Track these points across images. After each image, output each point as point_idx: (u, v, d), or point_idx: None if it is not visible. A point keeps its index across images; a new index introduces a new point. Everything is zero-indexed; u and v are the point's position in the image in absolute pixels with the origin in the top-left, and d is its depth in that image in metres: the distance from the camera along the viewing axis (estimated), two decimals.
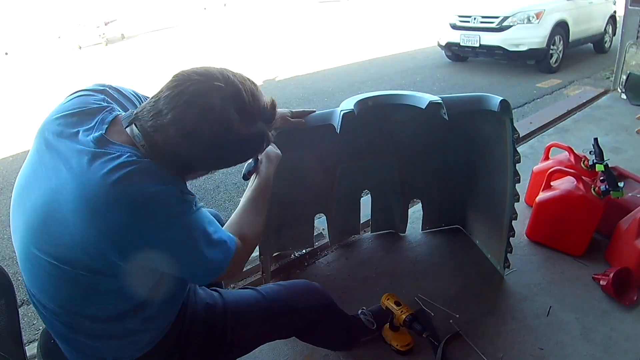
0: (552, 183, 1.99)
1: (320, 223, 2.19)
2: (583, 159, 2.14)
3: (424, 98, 1.49)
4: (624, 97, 3.91)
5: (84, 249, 0.79)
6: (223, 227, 0.98)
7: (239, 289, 1.30)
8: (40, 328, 1.95)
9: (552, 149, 2.31)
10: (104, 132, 0.83)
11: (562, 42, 5.68)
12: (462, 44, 5.94)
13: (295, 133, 1.49)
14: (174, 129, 0.81)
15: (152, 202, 0.79)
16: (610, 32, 6.65)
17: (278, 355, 1.57)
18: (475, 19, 5.79)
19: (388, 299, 1.53)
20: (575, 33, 5.87)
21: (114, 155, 0.79)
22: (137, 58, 9.27)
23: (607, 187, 1.81)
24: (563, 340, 1.53)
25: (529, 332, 1.57)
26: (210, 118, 0.81)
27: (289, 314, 1.23)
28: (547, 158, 2.32)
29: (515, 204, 1.69)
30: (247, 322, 1.16)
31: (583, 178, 1.89)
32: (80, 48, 11.49)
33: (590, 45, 6.62)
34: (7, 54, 11.87)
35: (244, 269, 1.75)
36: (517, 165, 1.62)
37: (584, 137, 3.15)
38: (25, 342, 1.87)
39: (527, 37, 5.43)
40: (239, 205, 1.08)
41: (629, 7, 3.97)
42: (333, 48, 8.54)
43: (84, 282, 0.82)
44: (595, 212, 1.84)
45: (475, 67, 6.32)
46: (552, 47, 5.54)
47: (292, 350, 1.58)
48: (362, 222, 2.19)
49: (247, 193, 1.10)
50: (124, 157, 0.80)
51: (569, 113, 3.77)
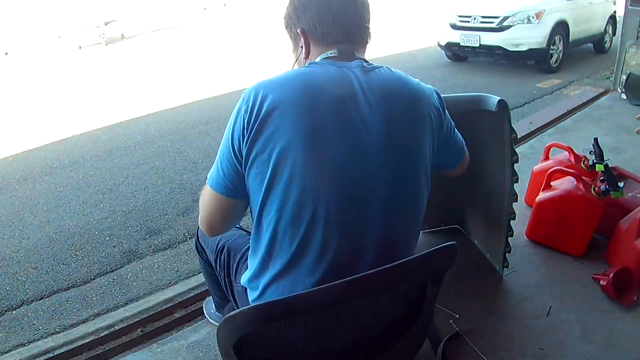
0: (552, 183, 1.98)
1: None
2: (583, 159, 2.14)
3: None
4: (624, 97, 3.91)
5: None
6: None
7: None
8: (41, 328, 1.96)
9: (552, 149, 2.31)
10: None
11: (562, 42, 5.68)
12: (462, 44, 5.94)
13: None
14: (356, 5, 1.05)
15: None
16: (610, 32, 6.65)
17: None
18: (475, 19, 5.79)
19: None
20: (575, 33, 5.87)
21: None
22: (137, 58, 9.28)
23: (607, 187, 1.81)
24: (563, 340, 1.53)
25: (529, 332, 1.57)
26: None
27: None
28: (547, 158, 2.32)
29: (515, 204, 1.69)
30: None
31: (583, 178, 1.89)
32: (80, 48, 11.50)
33: (590, 45, 6.62)
34: (7, 54, 11.89)
35: None
36: (516, 165, 1.62)
37: (584, 137, 3.15)
38: (26, 342, 1.89)
39: (527, 37, 5.43)
40: None
41: (629, 7, 3.97)
42: None
43: None
44: (595, 212, 1.84)
45: (475, 67, 6.32)
46: (552, 47, 5.54)
47: None
48: None
49: None
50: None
51: (569, 113, 3.77)
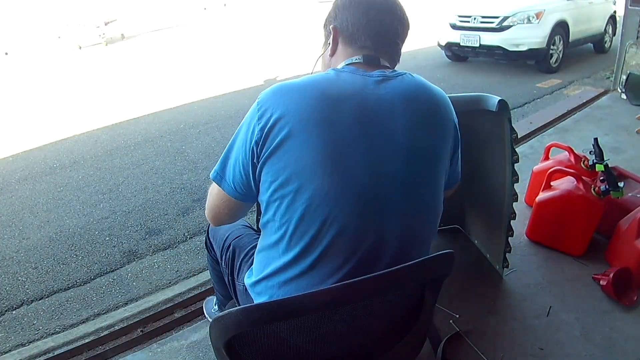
0: (552, 183, 1.98)
1: None
2: (583, 159, 2.14)
3: None
4: (624, 97, 3.91)
5: None
6: None
7: None
8: (41, 328, 1.96)
9: (552, 149, 2.31)
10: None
11: (562, 42, 5.68)
12: (462, 44, 5.94)
13: None
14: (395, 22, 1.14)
15: None
16: (610, 32, 6.65)
17: None
18: (475, 19, 5.79)
19: None
20: (575, 33, 5.87)
21: None
22: (137, 58, 9.28)
23: (607, 187, 1.81)
24: (563, 340, 1.53)
25: (529, 332, 1.57)
26: None
27: None
28: (547, 158, 2.32)
29: (515, 204, 1.69)
30: None
31: (583, 178, 1.89)
32: (80, 48, 11.50)
33: (590, 45, 6.62)
34: (7, 54, 11.89)
35: None
36: (516, 165, 1.62)
37: (584, 137, 3.15)
38: (26, 342, 1.89)
39: (527, 37, 5.43)
40: None
41: (629, 7, 3.97)
42: None
43: None
44: (595, 212, 1.84)
45: (475, 67, 6.32)
46: (552, 47, 5.54)
47: None
48: None
49: None
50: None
51: (569, 113, 3.77)
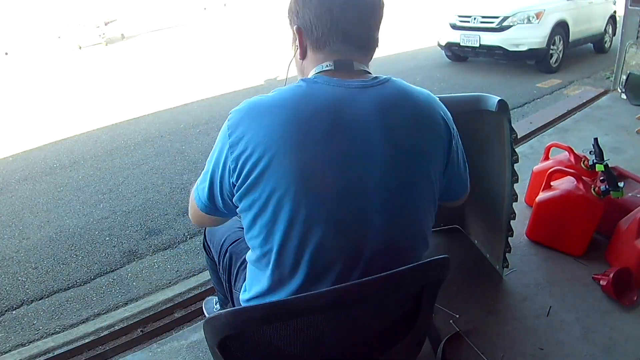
0: (552, 183, 1.98)
1: None
2: (583, 159, 2.13)
3: None
4: (624, 97, 3.91)
5: None
6: None
7: None
8: (41, 328, 1.96)
9: (552, 149, 2.31)
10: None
11: (562, 42, 5.68)
12: (462, 44, 5.94)
13: None
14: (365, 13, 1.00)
15: None
16: (610, 32, 6.65)
17: None
18: (475, 19, 5.79)
19: None
20: (575, 33, 5.87)
21: None
22: (137, 58, 9.28)
23: (607, 187, 1.81)
24: (563, 340, 1.53)
25: (529, 332, 1.57)
26: None
27: None
28: (547, 158, 2.32)
29: (515, 204, 1.68)
30: None
31: (583, 178, 1.89)
32: (80, 48, 11.50)
33: (590, 45, 6.62)
34: (7, 54, 11.89)
35: None
36: (516, 165, 1.62)
37: (584, 137, 3.15)
38: (26, 342, 1.89)
39: (527, 37, 5.43)
40: None
41: (629, 7, 3.97)
42: None
43: None
44: (595, 212, 1.84)
45: (475, 67, 6.32)
46: (552, 47, 5.54)
47: None
48: None
49: None
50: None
51: (569, 113, 3.77)
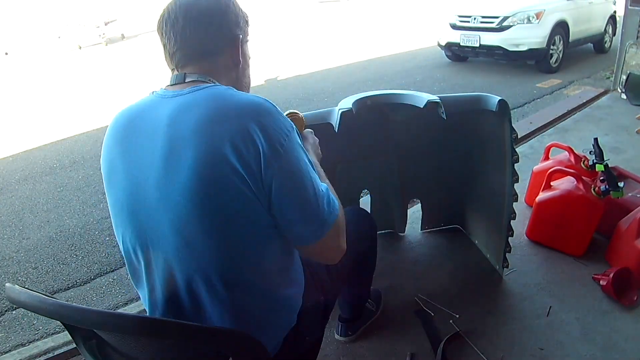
0: (552, 183, 1.98)
1: None
2: (583, 159, 2.14)
3: (422, 97, 1.49)
4: (624, 97, 3.91)
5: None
6: None
7: None
8: (40, 328, 1.96)
9: (552, 149, 2.31)
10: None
11: (562, 42, 5.68)
12: (462, 44, 5.94)
13: None
14: (192, 25, 0.87)
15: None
16: (610, 32, 6.65)
17: None
18: (475, 19, 5.79)
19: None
20: (575, 33, 5.87)
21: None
22: (137, 58, 9.27)
23: (607, 187, 1.81)
24: (563, 340, 1.53)
25: (529, 332, 1.57)
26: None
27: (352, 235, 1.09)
28: (547, 158, 2.32)
29: (515, 204, 1.68)
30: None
31: (583, 178, 1.89)
32: (80, 48, 11.50)
33: (590, 45, 6.62)
34: (7, 54, 11.88)
35: None
36: (516, 165, 1.62)
37: (584, 137, 3.15)
38: (26, 342, 1.89)
39: (527, 37, 5.42)
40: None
41: (629, 7, 3.97)
42: (333, 48, 8.55)
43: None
44: (595, 212, 1.84)
45: (475, 67, 6.32)
46: (552, 47, 5.53)
47: None
48: None
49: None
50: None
51: (569, 113, 3.77)
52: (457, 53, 6.35)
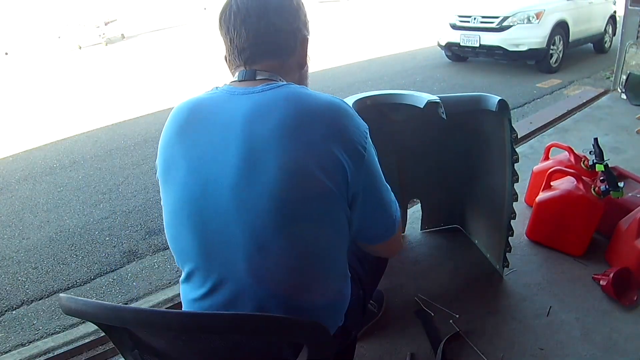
0: (552, 183, 1.98)
1: None
2: (583, 159, 2.14)
3: (422, 97, 1.49)
4: (624, 97, 3.91)
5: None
6: None
7: None
8: (41, 328, 1.96)
9: (552, 149, 2.31)
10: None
11: (562, 42, 5.68)
12: (462, 44, 5.94)
13: None
14: (267, 18, 0.85)
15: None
16: (610, 32, 6.65)
17: None
18: (475, 19, 5.79)
19: None
20: (575, 33, 5.87)
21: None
22: (137, 58, 9.27)
23: (607, 187, 1.81)
24: (563, 340, 1.53)
25: (529, 332, 1.57)
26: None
27: None
28: (547, 158, 2.32)
29: (515, 204, 1.68)
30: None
31: (583, 178, 1.89)
32: (80, 48, 11.51)
33: (590, 45, 6.62)
34: (7, 54, 11.89)
35: None
36: (516, 165, 1.62)
37: (584, 137, 3.15)
38: (26, 342, 1.89)
39: (527, 37, 5.43)
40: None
41: (629, 7, 3.97)
42: (333, 48, 8.55)
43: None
44: (595, 212, 1.84)
45: (475, 67, 6.32)
46: (552, 47, 5.54)
47: None
48: None
49: None
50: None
51: (569, 113, 3.77)
52: (457, 53, 6.36)
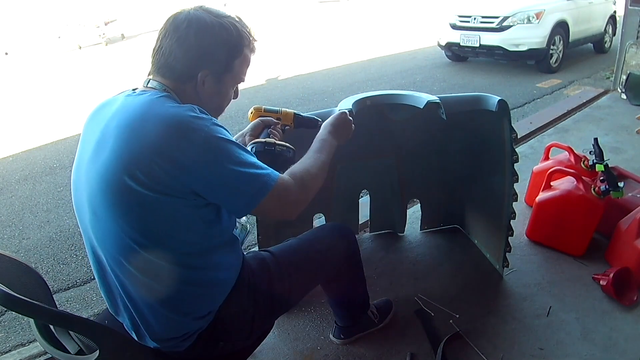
0: (552, 183, 1.99)
1: (319, 223, 2.19)
2: (583, 159, 2.14)
3: (422, 98, 1.49)
4: (624, 97, 3.91)
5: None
6: None
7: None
8: None
9: (552, 149, 2.31)
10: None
11: (562, 42, 5.68)
12: (462, 44, 5.94)
13: (292, 132, 1.49)
14: (171, 43, 0.95)
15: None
16: (610, 32, 6.65)
17: (278, 356, 1.57)
18: (475, 19, 5.79)
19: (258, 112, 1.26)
20: (575, 33, 5.87)
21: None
22: (137, 58, 9.27)
23: (607, 187, 1.81)
24: (563, 340, 1.53)
25: (529, 332, 1.57)
26: (199, 22, 0.95)
27: (325, 252, 1.28)
28: (547, 158, 2.32)
29: (515, 204, 1.69)
30: (295, 265, 1.20)
31: (583, 178, 1.89)
32: (80, 48, 11.50)
33: (590, 45, 6.62)
34: (7, 54, 11.88)
35: None
36: (516, 165, 1.62)
37: (584, 137, 3.15)
38: (26, 342, 1.89)
39: (527, 37, 5.42)
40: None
41: (629, 7, 3.97)
42: (333, 48, 8.55)
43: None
44: (595, 212, 1.84)
45: (475, 67, 6.32)
46: (552, 47, 5.53)
47: (292, 350, 1.58)
48: (360, 222, 2.18)
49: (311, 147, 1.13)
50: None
51: (569, 113, 3.77)
52: (457, 53, 6.36)
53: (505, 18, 5.53)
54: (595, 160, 1.98)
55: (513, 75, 5.64)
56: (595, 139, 2.04)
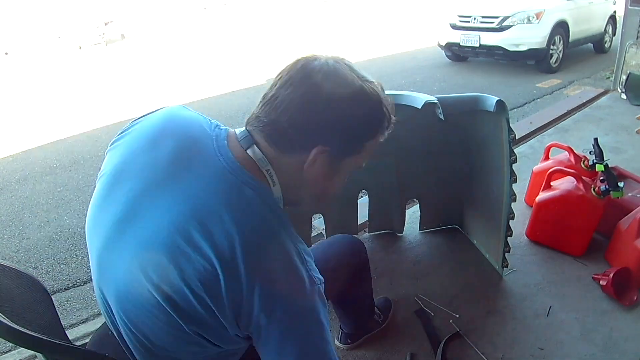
0: (552, 183, 1.98)
1: (319, 223, 2.19)
2: (583, 159, 2.13)
3: (420, 98, 1.49)
4: (624, 97, 3.91)
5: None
6: None
7: None
8: None
9: (552, 149, 2.31)
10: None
11: (562, 42, 5.68)
12: (462, 44, 5.94)
13: None
14: (292, 97, 0.70)
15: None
16: (610, 32, 6.65)
17: None
18: (475, 19, 5.79)
19: None
20: (575, 33, 5.87)
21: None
22: (137, 58, 9.28)
23: (607, 187, 1.81)
24: (563, 340, 1.53)
25: (529, 332, 1.57)
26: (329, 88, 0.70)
27: (337, 270, 1.19)
28: (547, 158, 2.32)
29: (515, 204, 1.68)
30: None
31: (583, 178, 1.88)
32: (80, 48, 11.51)
33: (590, 45, 6.61)
34: (7, 54, 11.89)
35: None
36: (516, 166, 1.61)
37: (584, 137, 3.15)
38: None
39: (527, 37, 5.42)
40: None
41: (629, 7, 3.97)
42: (333, 48, 8.55)
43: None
44: (595, 212, 1.84)
45: (476, 67, 6.32)
46: (552, 47, 5.53)
47: None
48: (359, 222, 2.18)
49: None
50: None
51: (569, 113, 3.76)
52: (457, 53, 6.36)
53: (505, 18, 5.53)
54: (595, 160, 1.98)
55: (513, 75, 5.64)
56: (595, 139, 2.04)
